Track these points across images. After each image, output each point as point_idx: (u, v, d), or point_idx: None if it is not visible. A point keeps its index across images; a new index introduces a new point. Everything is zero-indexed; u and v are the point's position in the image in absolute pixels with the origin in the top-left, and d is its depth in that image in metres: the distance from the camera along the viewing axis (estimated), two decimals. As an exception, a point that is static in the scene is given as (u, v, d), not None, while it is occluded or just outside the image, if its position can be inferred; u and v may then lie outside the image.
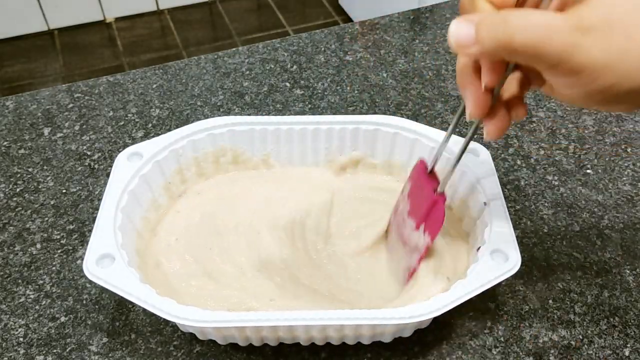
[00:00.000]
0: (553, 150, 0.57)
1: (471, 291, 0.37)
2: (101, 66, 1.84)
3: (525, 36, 0.29)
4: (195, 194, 0.50)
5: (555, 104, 0.62)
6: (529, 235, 0.50)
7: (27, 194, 0.54)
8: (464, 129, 0.59)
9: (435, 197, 0.40)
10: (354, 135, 0.50)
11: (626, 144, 0.58)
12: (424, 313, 0.36)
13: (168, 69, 0.68)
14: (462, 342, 0.43)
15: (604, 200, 0.52)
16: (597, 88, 0.29)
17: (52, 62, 1.86)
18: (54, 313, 0.45)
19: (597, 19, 0.29)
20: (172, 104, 0.63)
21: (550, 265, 0.47)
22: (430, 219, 0.41)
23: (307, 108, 0.62)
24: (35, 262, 0.48)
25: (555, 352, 0.42)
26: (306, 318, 0.37)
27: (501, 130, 0.36)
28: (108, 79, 0.67)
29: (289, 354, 0.42)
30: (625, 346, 0.42)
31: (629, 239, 0.49)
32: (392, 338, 0.42)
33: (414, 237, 0.42)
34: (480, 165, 0.46)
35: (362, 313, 0.37)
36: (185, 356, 0.42)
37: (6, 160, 0.58)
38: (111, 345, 0.43)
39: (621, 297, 0.45)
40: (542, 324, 0.44)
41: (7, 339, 0.44)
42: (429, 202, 0.41)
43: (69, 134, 0.60)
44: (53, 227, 0.51)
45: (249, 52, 0.70)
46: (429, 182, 0.42)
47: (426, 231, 0.41)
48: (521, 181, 0.54)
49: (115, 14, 2.01)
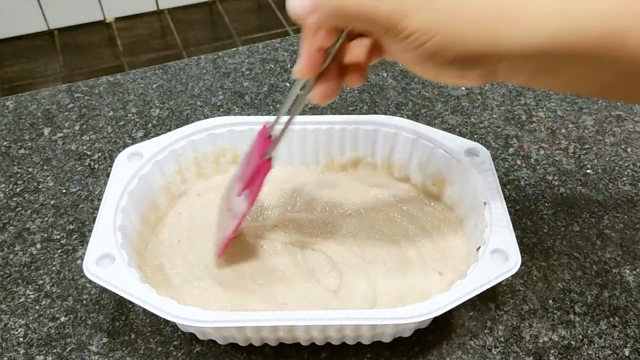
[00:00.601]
0: (553, 150, 0.57)
1: (471, 291, 0.37)
2: (101, 66, 1.84)
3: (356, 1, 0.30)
4: (196, 195, 0.50)
5: (555, 104, 0.62)
6: (529, 235, 0.50)
7: (27, 194, 0.54)
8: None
9: (261, 161, 0.39)
10: (354, 135, 0.50)
11: (626, 144, 0.58)
12: (424, 313, 0.36)
13: (168, 69, 0.68)
14: (462, 342, 0.43)
15: (604, 200, 0.52)
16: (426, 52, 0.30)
17: (52, 62, 1.86)
18: (54, 313, 0.45)
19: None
20: (172, 104, 0.63)
21: (550, 265, 0.47)
22: (252, 184, 0.40)
23: (307, 108, 0.62)
24: (35, 262, 0.48)
25: (555, 352, 0.42)
26: (306, 318, 0.37)
27: (327, 95, 0.36)
28: (108, 79, 0.67)
29: (289, 354, 0.42)
30: (625, 346, 0.42)
31: (629, 239, 0.49)
32: (392, 338, 0.42)
33: (236, 202, 0.41)
34: (480, 165, 0.46)
35: (362, 313, 0.37)
36: (185, 356, 0.42)
37: (6, 160, 0.58)
38: (111, 345, 0.43)
39: (621, 297, 0.45)
40: (542, 324, 0.44)
41: (7, 339, 0.44)
42: (255, 166, 0.40)
43: (69, 134, 0.60)
44: (53, 227, 0.51)
45: (249, 52, 0.70)
46: (262, 147, 0.40)
47: (248, 197, 0.40)
48: (521, 181, 0.54)
49: (115, 14, 2.01)
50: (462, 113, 0.62)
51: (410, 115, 0.61)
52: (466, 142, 0.48)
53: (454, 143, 0.48)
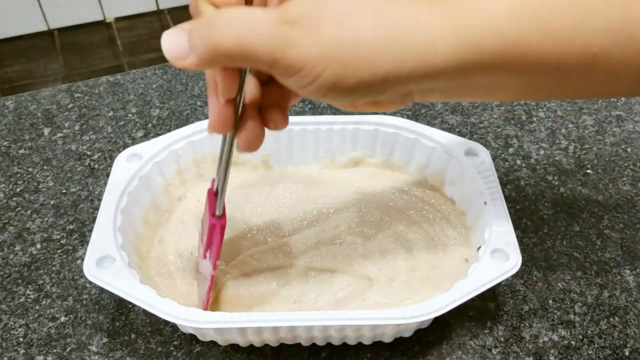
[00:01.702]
0: (553, 150, 0.57)
1: (471, 291, 0.37)
2: (101, 66, 1.84)
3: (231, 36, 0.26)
4: (196, 196, 0.50)
5: (555, 104, 0.62)
6: (529, 235, 0.50)
7: (27, 194, 0.54)
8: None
9: (212, 221, 0.38)
10: (354, 135, 0.50)
11: (626, 144, 0.58)
12: (424, 313, 0.36)
13: (168, 69, 0.68)
14: (462, 342, 0.43)
15: (604, 200, 0.52)
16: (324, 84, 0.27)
17: (52, 62, 1.86)
18: (54, 313, 0.45)
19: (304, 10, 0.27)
20: (172, 104, 0.63)
21: (550, 265, 0.47)
22: (210, 246, 0.39)
23: (307, 108, 0.62)
24: (35, 262, 0.48)
25: (555, 352, 0.42)
26: (307, 319, 0.37)
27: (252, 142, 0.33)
28: (108, 79, 0.67)
29: (289, 354, 0.42)
30: (625, 346, 0.42)
31: (629, 239, 0.49)
32: (392, 338, 0.42)
33: (203, 264, 0.41)
34: (480, 165, 0.46)
35: (363, 313, 0.37)
36: (185, 356, 0.42)
37: (6, 160, 0.58)
38: (111, 345, 0.43)
39: (621, 297, 0.45)
40: (542, 324, 0.44)
41: (7, 339, 0.44)
42: (209, 226, 0.38)
43: (69, 134, 0.60)
44: (53, 227, 0.51)
45: (249, 52, 0.70)
46: (211, 206, 0.38)
47: (210, 259, 0.39)
48: (521, 181, 0.54)
49: (115, 14, 2.01)
50: (462, 113, 0.62)
51: (410, 115, 0.61)
52: (466, 142, 0.48)
53: (454, 143, 0.48)
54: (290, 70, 0.27)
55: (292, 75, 0.28)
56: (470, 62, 0.28)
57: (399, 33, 0.27)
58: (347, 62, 0.27)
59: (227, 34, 0.26)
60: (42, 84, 1.77)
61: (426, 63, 0.28)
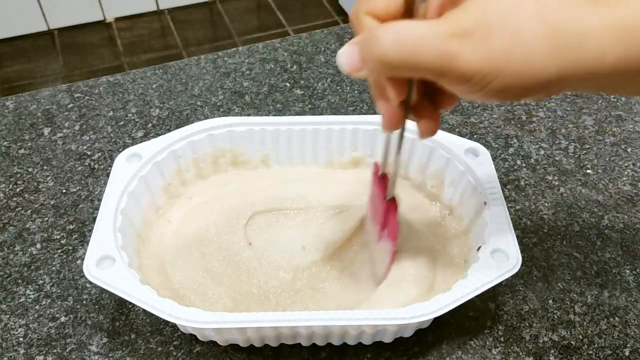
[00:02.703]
0: (553, 150, 0.57)
1: (471, 291, 0.37)
2: (101, 66, 1.84)
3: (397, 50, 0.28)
4: (197, 196, 0.50)
5: (555, 104, 0.62)
6: (529, 235, 0.50)
7: (27, 194, 0.54)
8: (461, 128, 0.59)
9: (386, 204, 0.40)
10: (353, 135, 0.50)
11: (626, 144, 0.58)
12: (424, 313, 0.36)
13: (168, 69, 0.68)
14: (462, 342, 0.43)
15: (604, 200, 0.52)
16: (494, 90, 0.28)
17: (52, 62, 1.86)
18: (54, 313, 0.45)
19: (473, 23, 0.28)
20: (172, 104, 0.63)
21: (550, 265, 0.47)
22: (387, 226, 0.40)
23: (307, 108, 0.62)
24: (35, 262, 0.48)
25: (555, 352, 0.42)
26: (307, 319, 0.37)
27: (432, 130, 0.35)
28: (108, 79, 0.67)
29: (289, 354, 0.42)
30: (625, 346, 0.42)
31: (629, 239, 0.49)
32: (392, 338, 0.42)
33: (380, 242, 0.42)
34: (480, 165, 0.46)
35: (363, 313, 0.37)
36: (185, 356, 0.42)
37: (6, 160, 0.58)
38: (111, 345, 0.43)
39: (621, 297, 0.45)
40: (542, 324, 0.44)
41: (7, 339, 0.44)
42: (382, 209, 0.40)
43: (69, 134, 0.60)
44: (53, 227, 0.51)
45: (249, 52, 0.70)
46: (380, 188, 0.41)
47: (388, 238, 0.41)
48: (521, 181, 0.54)
49: (115, 14, 2.01)
50: (462, 113, 0.62)
51: (410, 115, 0.61)
52: (466, 142, 0.48)
53: (454, 143, 0.48)
54: (458, 81, 0.28)
55: (461, 84, 0.29)
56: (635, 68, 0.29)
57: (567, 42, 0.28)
58: (516, 72, 0.28)
59: (393, 50, 0.28)
60: (42, 84, 1.77)
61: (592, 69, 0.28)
